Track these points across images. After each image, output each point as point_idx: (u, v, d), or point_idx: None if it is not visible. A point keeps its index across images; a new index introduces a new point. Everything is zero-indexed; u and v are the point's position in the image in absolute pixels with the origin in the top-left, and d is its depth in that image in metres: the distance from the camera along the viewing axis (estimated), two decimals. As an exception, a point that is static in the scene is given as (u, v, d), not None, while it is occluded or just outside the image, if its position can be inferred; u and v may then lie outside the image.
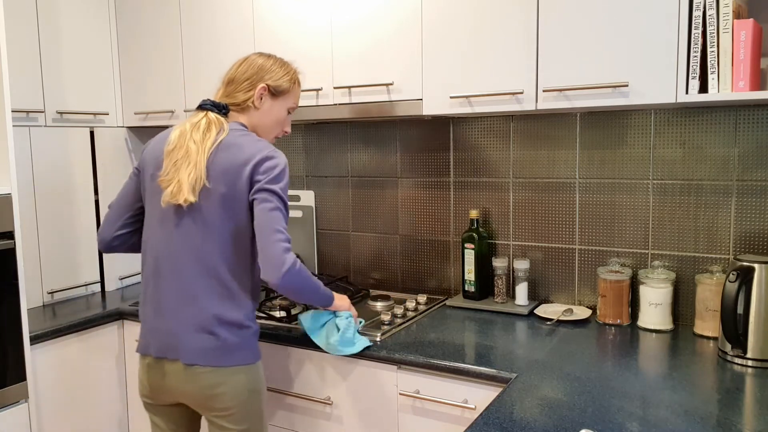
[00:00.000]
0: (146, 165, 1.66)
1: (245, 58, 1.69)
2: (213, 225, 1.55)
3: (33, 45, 2.32)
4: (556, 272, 2.16)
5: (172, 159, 1.56)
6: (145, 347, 1.63)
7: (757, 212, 1.83)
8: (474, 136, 2.26)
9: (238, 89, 1.65)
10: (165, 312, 1.59)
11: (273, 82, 1.67)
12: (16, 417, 1.93)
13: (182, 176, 1.52)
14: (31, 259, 2.33)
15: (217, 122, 1.59)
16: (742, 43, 1.52)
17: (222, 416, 1.58)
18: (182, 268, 1.57)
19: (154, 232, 1.62)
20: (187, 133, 1.57)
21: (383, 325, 1.93)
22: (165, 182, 1.56)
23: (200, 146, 1.54)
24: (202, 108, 1.63)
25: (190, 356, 1.56)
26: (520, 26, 1.78)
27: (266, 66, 1.67)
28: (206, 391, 1.56)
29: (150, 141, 1.71)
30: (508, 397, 1.42)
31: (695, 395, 1.41)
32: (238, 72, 1.66)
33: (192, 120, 1.60)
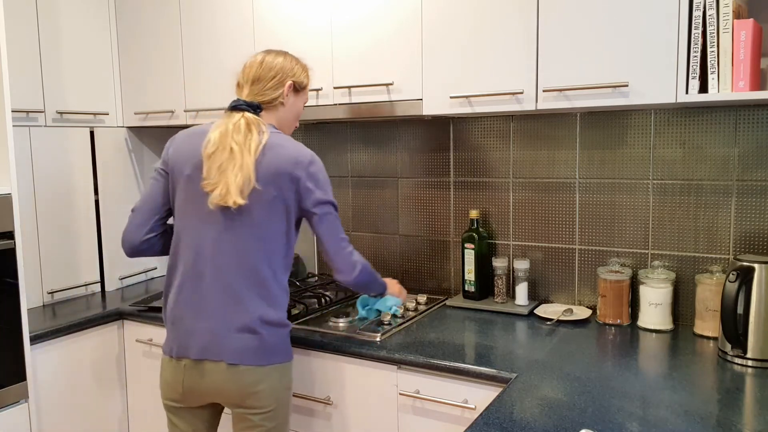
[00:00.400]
0: (179, 165, 1.64)
1: (262, 58, 1.68)
2: (260, 226, 1.57)
3: (33, 45, 2.32)
4: (556, 272, 2.16)
5: (216, 161, 1.55)
6: (182, 350, 1.60)
7: (757, 212, 1.83)
8: (474, 136, 2.26)
9: (267, 87, 1.65)
10: (207, 313, 1.58)
11: (296, 79, 1.70)
12: (16, 417, 1.93)
13: (230, 178, 1.52)
14: (31, 259, 2.33)
15: (256, 122, 1.60)
16: (742, 43, 1.52)
17: (257, 413, 1.59)
18: (227, 269, 1.57)
19: (195, 234, 1.60)
20: (228, 134, 1.56)
21: (383, 325, 1.93)
22: (210, 185, 1.54)
23: (243, 147, 1.54)
24: (237, 108, 1.62)
25: (234, 356, 1.56)
26: (520, 26, 1.78)
27: (288, 64, 1.69)
28: (248, 389, 1.57)
29: (174, 140, 1.69)
30: (508, 397, 1.42)
31: (695, 395, 1.41)
32: (263, 70, 1.66)
33: (231, 120, 1.59)
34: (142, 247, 1.73)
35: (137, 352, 2.33)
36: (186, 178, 1.62)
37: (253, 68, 1.67)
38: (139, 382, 2.34)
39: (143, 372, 2.32)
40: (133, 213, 1.74)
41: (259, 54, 1.69)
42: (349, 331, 1.90)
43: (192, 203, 1.61)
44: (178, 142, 1.68)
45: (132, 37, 2.59)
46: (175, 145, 1.67)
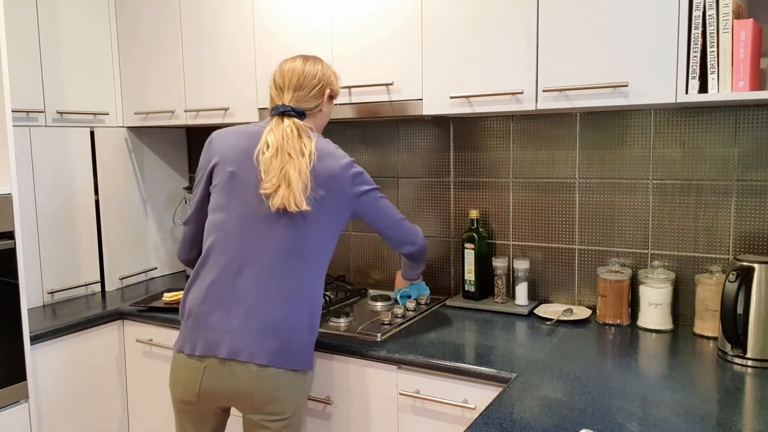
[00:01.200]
0: (222, 163, 1.64)
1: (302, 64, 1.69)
2: (310, 231, 1.60)
3: (33, 45, 2.32)
4: (556, 272, 2.16)
5: (276, 165, 1.56)
6: (208, 348, 1.56)
7: (757, 212, 1.83)
8: (474, 136, 2.26)
9: (310, 95, 1.69)
10: (242, 312, 1.56)
11: (332, 87, 1.75)
12: (16, 417, 1.93)
13: (294, 184, 1.54)
14: (31, 259, 2.33)
15: (304, 129, 1.64)
16: (742, 43, 1.52)
17: (275, 420, 1.58)
18: (271, 270, 1.57)
19: (238, 232, 1.60)
20: (284, 139, 1.59)
21: (383, 325, 1.93)
22: (271, 187, 1.55)
23: (298, 153, 1.58)
24: (285, 114, 1.64)
25: (264, 357, 1.55)
26: (520, 26, 1.78)
27: (326, 73, 1.73)
28: (271, 394, 1.56)
29: (214, 140, 1.68)
30: (508, 397, 1.42)
31: (695, 395, 1.41)
32: (306, 78, 1.68)
33: (283, 125, 1.62)
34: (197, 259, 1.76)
35: (137, 352, 2.33)
36: (229, 175, 1.62)
37: (295, 74, 1.68)
38: (139, 382, 2.34)
39: (143, 372, 2.32)
40: (185, 227, 1.78)
41: (298, 59, 1.71)
42: (349, 331, 1.90)
43: (236, 201, 1.60)
44: (221, 140, 1.68)
45: (132, 37, 2.59)
46: (217, 144, 1.67)
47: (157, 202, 2.82)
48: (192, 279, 1.65)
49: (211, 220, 1.65)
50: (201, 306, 1.59)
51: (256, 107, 2.28)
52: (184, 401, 1.62)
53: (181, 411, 1.65)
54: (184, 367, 1.60)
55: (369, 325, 1.94)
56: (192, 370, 1.58)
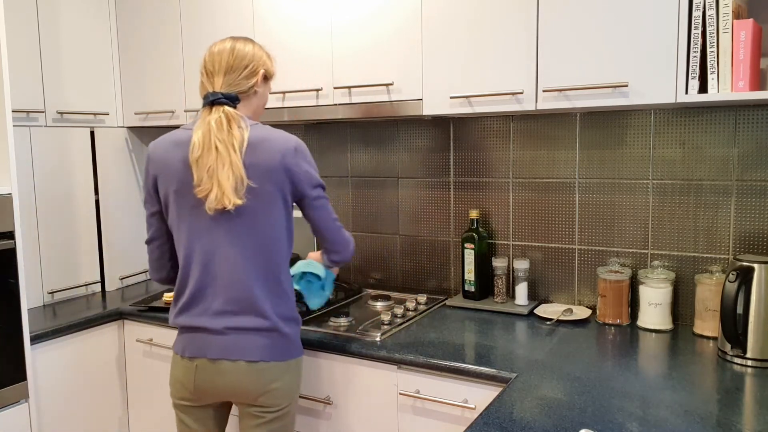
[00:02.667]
0: (164, 183, 1.60)
1: (232, 45, 1.61)
2: (262, 223, 1.57)
3: (33, 45, 2.32)
4: (555, 272, 2.16)
5: (204, 165, 1.51)
6: (197, 350, 1.59)
7: (756, 212, 1.83)
8: (474, 136, 2.26)
9: (242, 76, 1.60)
10: (222, 315, 1.58)
11: (266, 67, 1.66)
12: (16, 417, 1.93)
13: (222, 180, 1.49)
14: (31, 259, 2.33)
15: (236, 117, 1.55)
16: (742, 43, 1.52)
17: (270, 412, 1.60)
18: (238, 271, 1.57)
19: (198, 242, 1.58)
20: (210, 133, 1.52)
21: (383, 325, 1.93)
22: (204, 190, 1.51)
23: (228, 145, 1.51)
24: (216, 102, 1.56)
25: (254, 353, 1.57)
26: (520, 26, 1.78)
27: (258, 53, 1.64)
28: (265, 387, 1.57)
29: (151, 158, 1.63)
30: (508, 397, 1.42)
31: (695, 395, 1.41)
32: (235, 59, 1.60)
33: (211, 117, 1.54)
34: (170, 276, 1.75)
35: (137, 352, 2.33)
36: (174, 193, 1.59)
37: (224, 56, 1.60)
38: (139, 382, 2.34)
39: (143, 372, 2.32)
40: (148, 247, 1.73)
41: (227, 41, 1.63)
42: (349, 331, 1.90)
43: (188, 214, 1.59)
44: (158, 155, 1.62)
45: (132, 37, 2.59)
46: (155, 161, 1.62)
47: (157, 202, 2.82)
48: (177, 292, 1.65)
49: (176, 238, 1.64)
50: (189, 317, 1.62)
51: (256, 107, 2.28)
52: (182, 398, 1.65)
53: (180, 408, 1.67)
54: (180, 366, 1.63)
55: (369, 325, 1.94)
56: (186, 369, 1.62)
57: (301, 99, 2.17)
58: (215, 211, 1.53)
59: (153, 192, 1.65)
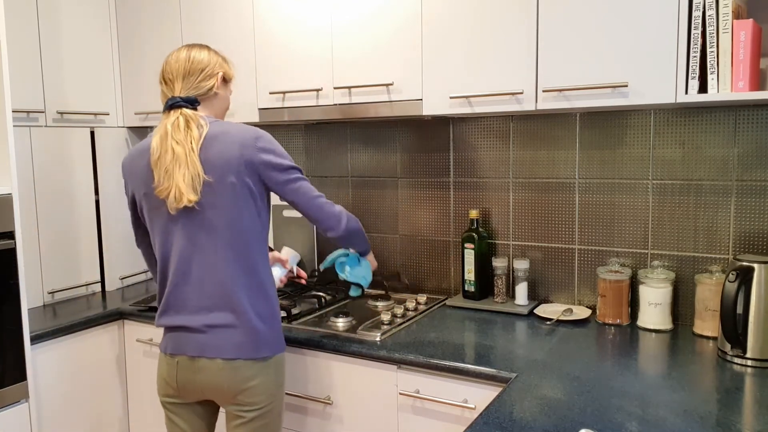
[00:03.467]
0: (136, 189, 1.65)
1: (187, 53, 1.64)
2: (230, 217, 1.57)
3: (33, 45, 2.32)
4: (555, 272, 2.16)
5: (162, 166, 1.54)
6: (177, 347, 1.62)
7: (756, 212, 1.83)
8: (474, 136, 2.26)
9: (199, 79, 1.63)
10: (199, 314, 1.59)
11: (224, 70, 1.69)
12: (16, 417, 1.93)
13: (178, 179, 1.52)
14: (31, 259, 2.33)
15: (194, 117, 1.58)
16: (742, 44, 1.52)
17: (250, 410, 1.60)
18: (211, 268, 1.58)
19: (170, 241, 1.61)
20: (167, 135, 1.55)
21: (383, 325, 1.93)
22: (163, 191, 1.54)
23: (185, 145, 1.54)
24: (175, 106, 1.60)
25: (230, 351, 1.57)
26: (520, 26, 1.78)
27: (213, 56, 1.67)
28: (242, 385, 1.58)
29: (123, 166, 1.68)
30: (508, 397, 1.42)
31: (695, 395, 1.41)
32: (191, 65, 1.63)
33: (168, 120, 1.58)
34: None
35: (137, 352, 2.33)
36: (144, 197, 1.63)
37: (180, 63, 1.63)
38: (139, 382, 2.34)
39: (143, 372, 2.33)
40: (140, 249, 1.82)
41: (182, 49, 1.66)
42: (349, 331, 1.90)
43: (157, 216, 1.62)
44: (127, 165, 1.67)
45: (132, 37, 2.59)
46: (126, 171, 1.68)
47: (157, 202, 2.82)
48: (158, 292, 1.69)
49: (152, 241, 1.68)
50: (167, 316, 1.65)
51: (257, 107, 2.29)
52: (167, 395, 1.68)
53: (167, 406, 1.70)
54: (165, 363, 1.66)
55: (369, 325, 1.94)
56: (169, 366, 1.64)
57: (301, 99, 2.17)
58: (176, 210, 1.56)
59: (130, 200, 1.70)
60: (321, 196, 1.68)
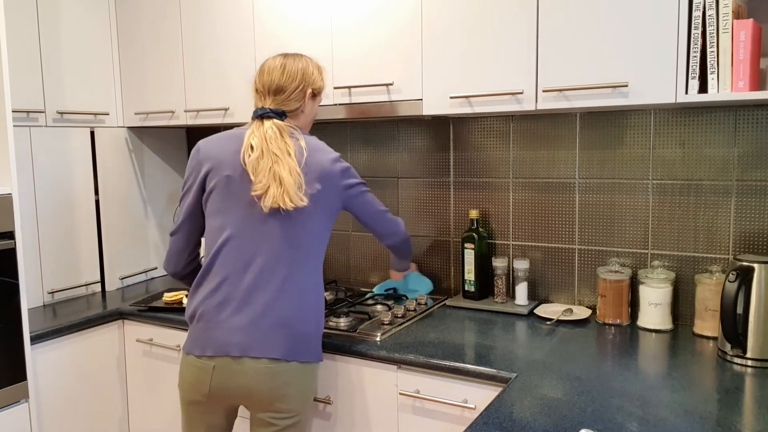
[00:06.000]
0: (216, 168, 1.64)
1: (282, 64, 1.68)
2: (307, 226, 1.61)
3: (33, 45, 2.32)
4: (555, 272, 2.16)
5: (263, 166, 1.57)
6: (221, 347, 1.57)
7: (756, 212, 1.83)
8: (474, 136, 2.26)
9: (290, 98, 1.68)
10: (252, 311, 1.58)
11: (315, 85, 1.73)
12: (16, 417, 1.93)
13: (285, 181, 1.55)
14: (31, 259, 2.33)
15: (287, 129, 1.63)
16: (742, 43, 1.52)
17: (283, 418, 1.59)
18: (277, 267, 1.59)
19: (240, 232, 1.60)
20: (267, 141, 1.59)
21: (383, 325, 1.93)
22: (260, 188, 1.56)
23: (284, 153, 1.58)
24: (265, 116, 1.64)
25: (277, 351, 1.56)
26: (520, 26, 1.78)
27: (307, 71, 1.71)
28: (280, 390, 1.57)
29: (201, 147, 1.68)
30: (508, 397, 1.42)
31: (695, 395, 1.41)
32: (285, 80, 1.67)
33: (263, 128, 1.61)
34: (185, 272, 1.77)
35: (137, 352, 2.33)
36: (225, 179, 1.62)
37: (274, 76, 1.67)
38: (139, 382, 2.34)
39: (143, 372, 2.32)
40: (172, 237, 1.75)
41: (278, 58, 1.70)
42: (349, 331, 1.90)
43: (235, 203, 1.61)
44: (210, 146, 1.67)
45: (132, 37, 2.59)
46: (206, 151, 1.67)
47: (157, 202, 2.82)
48: (198, 282, 1.65)
49: (213, 225, 1.65)
50: (211, 307, 1.61)
51: (256, 107, 2.28)
52: (194, 401, 1.63)
53: (190, 412, 1.65)
54: (194, 367, 1.61)
55: (369, 325, 1.94)
56: (201, 370, 1.59)
57: (301, 99, 2.17)
58: (270, 209, 1.58)
59: (200, 184, 1.67)
60: (387, 209, 1.84)
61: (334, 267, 2.61)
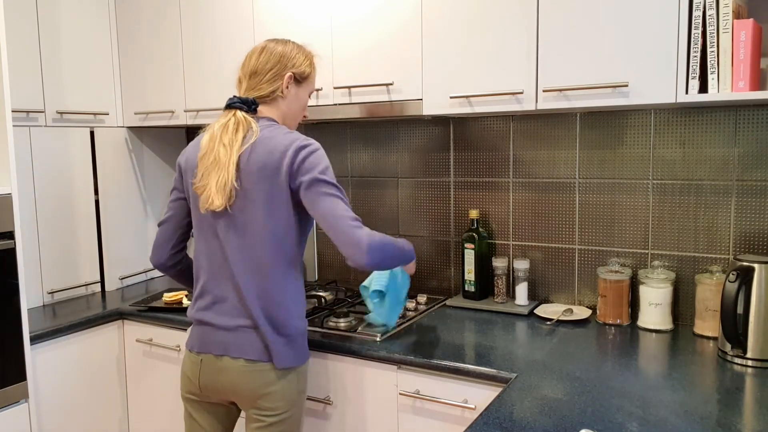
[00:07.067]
0: (186, 175, 1.66)
1: (262, 47, 1.63)
2: (258, 225, 1.55)
3: (33, 45, 2.32)
4: (556, 272, 2.16)
5: (204, 165, 1.55)
6: (204, 346, 1.61)
7: (757, 212, 1.83)
8: (474, 136, 2.26)
9: (264, 80, 1.61)
10: (228, 313, 1.59)
11: (297, 69, 1.63)
12: (16, 417, 1.93)
13: (212, 181, 1.53)
14: (31, 259, 2.33)
15: (245, 122, 1.56)
16: (742, 43, 1.52)
17: (270, 415, 1.59)
18: (240, 270, 1.57)
19: (206, 237, 1.61)
20: (216, 136, 1.56)
21: (383, 326, 1.93)
22: (200, 189, 1.55)
23: (229, 149, 1.53)
24: (231, 107, 1.59)
25: (255, 353, 1.56)
26: (520, 26, 1.78)
27: (287, 53, 1.62)
28: (262, 389, 1.57)
29: (185, 150, 1.69)
30: (508, 397, 1.42)
31: (695, 395, 1.41)
32: (260, 63, 1.61)
33: (221, 121, 1.58)
34: (170, 263, 1.77)
35: (137, 352, 2.33)
36: (191, 183, 1.64)
37: (252, 59, 1.62)
38: (139, 382, 2.34)
39: (143, 372, 2.32)
40: (159, 228, 1.77)
41: (260, 44, 1.65)
42: (349, 331, 1.90)
43: (196, 210, 1.64)
44: (188, 150, 1.68)
45: (132, 37, 2.59)
46: (186, 154, 1.68)
47: (157, 202, 2.82)
48: (194, 286, 1.70)
49: (194, 230, 1.68)
50: (197, 308, 1.66)
51: (256, 107, 2.28)
52: (190, 393, 1.67)
53: (188, 403, 1.69)
54: (189, 361, 1.66)
55: (369, 325, 1.94)
56: (194, 364, 1.64)
57: (301, 99, 2.17)
58: (206, 210, 1.57)
59: (180, 178, 1.70)
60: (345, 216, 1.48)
61: (334, 267, 2.61)
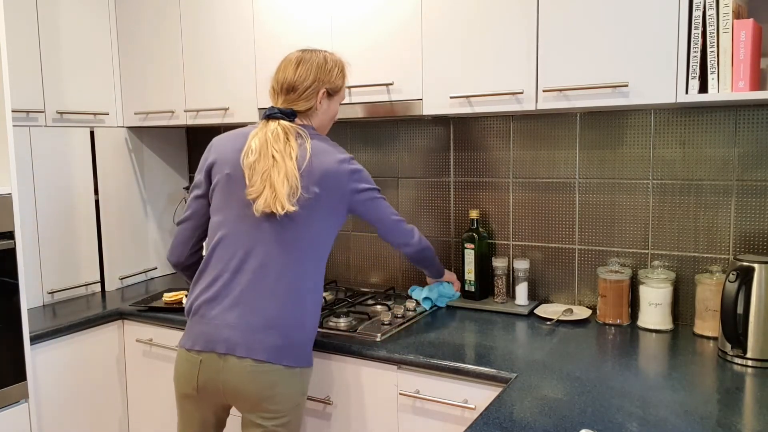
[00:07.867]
0: (219, 165, 1.65)
1: (298, 59, 1.66)
2: (303, 229, 1.59)
3: (33, 45, 2.32)
4: (556, 272, 2.16)
5: (259, 169, 1.56)
6: (209, 344, 1.58)
7: (757, 212, 1.83)
8: (474, 136, 2.26)
9: (301, 98, 1.66)
10: (242, 309, 1.57)
11: (330, 85, 1.69)
12: (16, 417, 1.93)
13: (277, 186, 1.53)
14: (31, 259, 2.33)
15: (292, 130, 1.61)
16: (742, 43, 1.52)
17: (271, 418, 1.58)
18: (270, 268, 1.57)
19: (236, 231, 1.61)
20: (267, 142, 1.58)
21: (383, 326, 1.93)
22: (255, 192, 1.56)
23: (284, 155, 1.56)
24: (272, 117, 1.63)
25: (262, 353, 1.55)
26: (520, 26, 1.78)
27: (323, 69, 1.67)
28: (266, 391, 1.56)
29: (214, 144, 1.70)
30: (508, 397, 1.42)
31: (695, 395, 1.41)
32: (297, 78, 1.65)
33: (268, 129, 1.60)
34: (189, 262, 1.77)
35: (137, 352, 2.33)
36: (226, 177, 1.63)
37: (288, 72, 1.66)
38: (139, 382, 2.34)
39: (143, 372, 2.32)
40: (178, 227, 1.77)
41: (296, 54, 1.68)
42: (349, 331, 1.90)
43: (233, 201, 1.62)
44: (220, 143, 1.69)
45: (132, 37, 2.59)
46: (216, 148, 1.69)
47: (157, 202, 2.82)
48: (196, 278, 1.67)
49: (213, 221, 1.67)
50: (204, 303, 1.62)
51: (256, 107, 2.28)
52: (185, 394, 1.64)
53: (183, 405, 1.67)
54: (184, 360, 1.62)
55: (369, 325, 1.94)
56: (190, 363, 1.61)
57: (301, 99, 2.17)
58: (262, 213, 1.57)
59: (206, 176, 1.70)
60: (395, 214, 1.78)
61: (334, 267, 2.61)
